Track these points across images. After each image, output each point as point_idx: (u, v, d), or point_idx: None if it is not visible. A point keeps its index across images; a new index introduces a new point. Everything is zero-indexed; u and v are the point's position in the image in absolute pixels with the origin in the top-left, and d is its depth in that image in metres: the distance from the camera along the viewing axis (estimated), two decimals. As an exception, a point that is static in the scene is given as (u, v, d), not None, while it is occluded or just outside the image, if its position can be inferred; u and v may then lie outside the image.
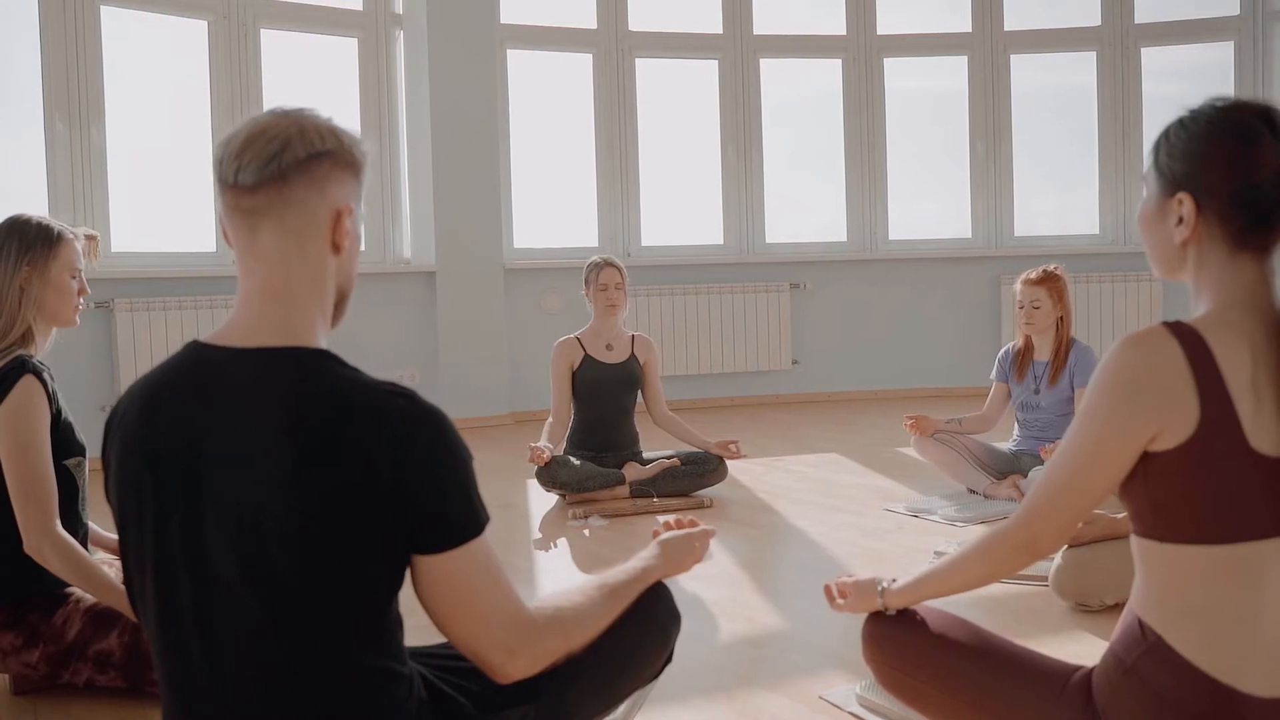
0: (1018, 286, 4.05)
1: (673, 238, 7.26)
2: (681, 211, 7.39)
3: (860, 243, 7.43)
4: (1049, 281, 3.97)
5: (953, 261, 7.35)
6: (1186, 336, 1.43)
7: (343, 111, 6.40)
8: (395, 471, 1.30)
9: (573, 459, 4.20)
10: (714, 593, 3.02)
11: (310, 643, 1.32)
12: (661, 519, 1.88)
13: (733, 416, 6.50)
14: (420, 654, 1.56)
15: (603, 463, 4.26)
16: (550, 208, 7.16)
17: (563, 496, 4.19)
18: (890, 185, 7.46)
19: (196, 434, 1.35)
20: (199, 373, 1.39)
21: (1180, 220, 1.49)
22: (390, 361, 6.39)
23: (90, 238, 4.68)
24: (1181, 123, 1.52)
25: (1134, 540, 1.52)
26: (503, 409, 6.58)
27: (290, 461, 1.29)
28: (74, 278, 2.41)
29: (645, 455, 4.36)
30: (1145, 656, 1.49)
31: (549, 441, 4.19)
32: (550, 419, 4.34)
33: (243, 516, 1.31)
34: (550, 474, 4.11)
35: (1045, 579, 2.85)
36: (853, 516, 3.92)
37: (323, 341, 1.42)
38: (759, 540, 3.68)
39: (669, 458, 4.27)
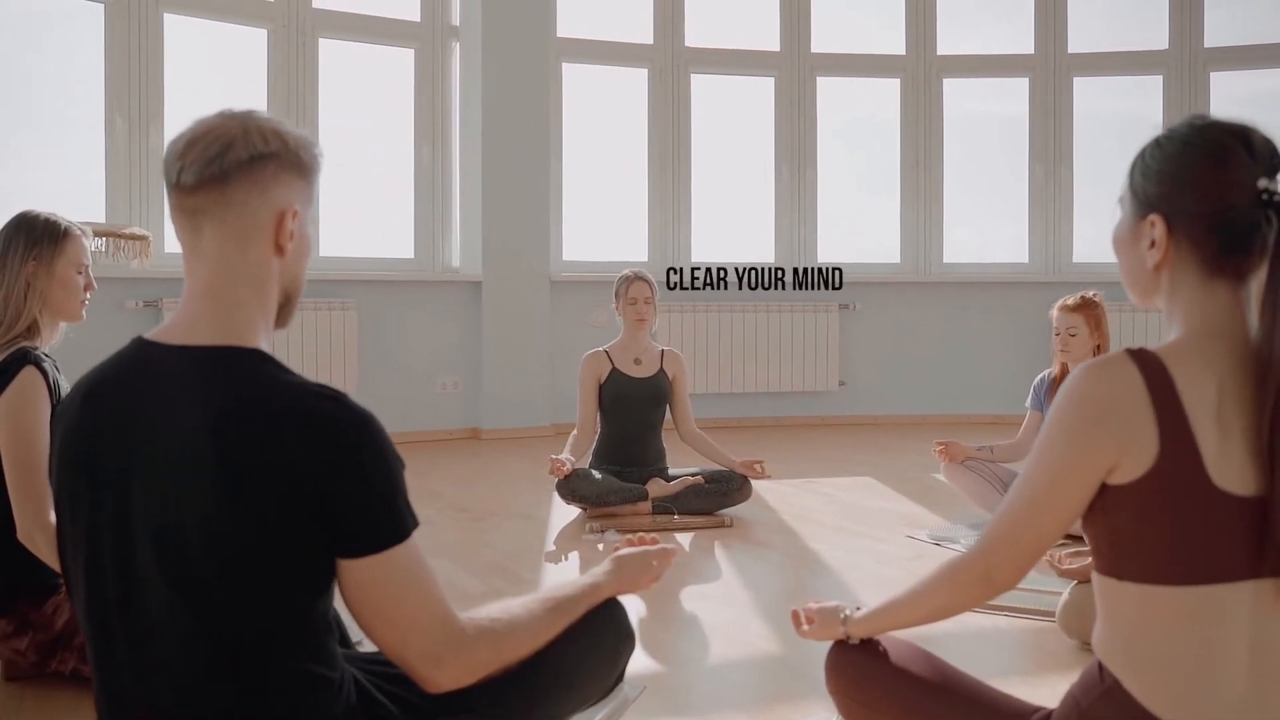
0: (1054, 313, 3.94)
1: (723, 254, 7.22)
2: (733, 228, 7.36)
3: (913, 264, 7.32)
4: (1086, 308, 3.86)
5: (1008, 286, 7.21)
6: (1149, 365, 1.37)
7: (397, 121, 6.55)
8: (317, 474, 1.29)
9: (595, 472, 4.18)
10: (713, 614, 2.97)
11: (231, 644, 1.32)
12: (624, 536, 1.85)
13: (776, 436, 6.44)
14: (357, 659, 1.55)
15: (627, 478, 4.23)
16: (601, 221, 7.17)
17: (584, 510, 4.16)
18: (946, 207, 7.34)
19: (128, 430, 1.36)
20: (137, 369, 1.40)
21: (1153, 243, 1.43)
22: (433, 368, 6.44)
23: (143, 238, 4.75)
24: (1157, 143, 1.46)
25: (1095, 577, 1.45)
26: (544, 420, 6.58)
27: (213, 461, 1.30)
28: (80, 273, 2.45)
29: (671, 472, 4.32)
30: (1101, 700, 1.42)
31: (571, 454, 4.17)
32: (575, 431, 4.32)
33: (167, 515, 1.31)
34: (570, 487, 4.09)
35: (1053, 615, 2.76)
36: (873, 542, 3.84)
37: (263, 342, 1.41)
38: (772, 562, 3.63)
39: (694, 475, 4.22)
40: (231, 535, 1.29)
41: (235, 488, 1.28)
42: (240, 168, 1.37)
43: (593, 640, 1.65)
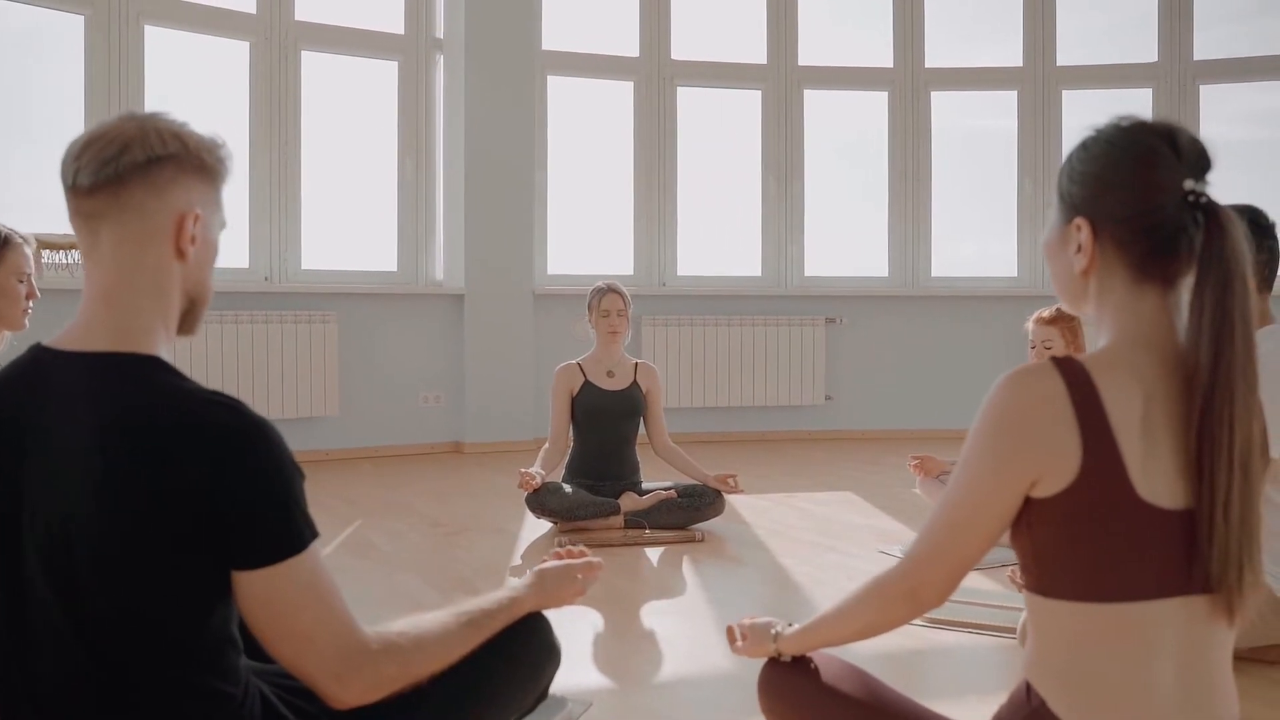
0: (1030, 325, 3.88)
1: (709, 268, 7.18)
2: (719, 242, 7.32)
3: (901, 278, 7.28)
4: (1062, 321, 3.79)
5: (996, 300, 7.16)
6: (1073, 374, 1.32)
7: (380, 133, 6.52)
8: (207, 483, 1.26)
9: (565, 486, 4.13)
10: (673, 629, 2.92)
11: (117, 657, 1.29)
12: (553, 549, 1.80)
13: (762, 451, 6.38)
14: (266, 672, 1.50)
15: (600, 491, 4.18)
16: (587, 235, 7.14)
17: (556, 524, 4.11)
18: (934, 221, 7.31)
19: (20, 437, 1.33)
20: (32, 375, 1.37)
21: (1079, 248, 1.38)
22: (415, 382, 6.40)
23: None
24: (1084, 145, 1.41)
25: (1025, 595, 1.41)
26: (527, 434, 6.53)
27: (99, 469, 1.27)
28: (22, 282, 2.42)
29: (645, 486, 4.27)
30: (1028, 722, 1.37)
31: (543, 467, 4.12)
32: (547, 444, 4.28)
33: (51, 524, 1.29)
34: (539, 500, 4.04)
35: (1014, 631, 2.70)
36: (844, 557, 3.78)
37: (162, 349, 1.38)
38: (739, 577, 3.57)
39: (666, 489, 4.17)
40: (115, 543, 1.26)
41: (120, 495, 1.26)
42: (136, 170, 1.33)
43: (513, 656, 1.60)
